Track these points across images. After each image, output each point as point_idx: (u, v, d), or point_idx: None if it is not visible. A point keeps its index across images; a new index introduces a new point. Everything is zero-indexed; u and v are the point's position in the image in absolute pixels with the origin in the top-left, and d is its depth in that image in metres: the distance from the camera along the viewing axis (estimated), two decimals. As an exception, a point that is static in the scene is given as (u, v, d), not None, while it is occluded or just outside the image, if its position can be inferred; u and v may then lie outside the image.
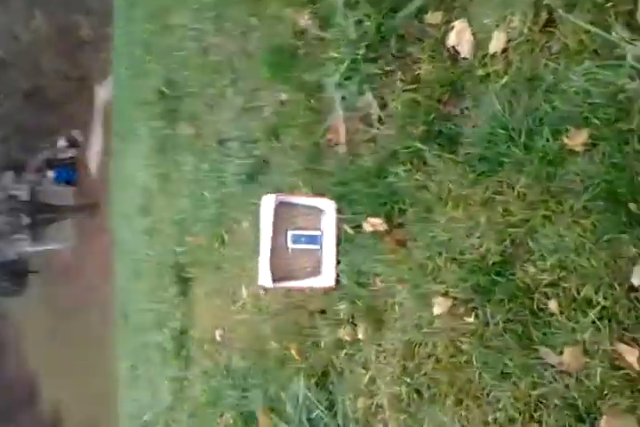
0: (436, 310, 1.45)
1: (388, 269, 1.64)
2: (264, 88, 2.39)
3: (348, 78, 1.73)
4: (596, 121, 1.13)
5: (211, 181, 2.85)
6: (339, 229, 1.84)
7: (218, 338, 2.75)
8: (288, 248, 1.97)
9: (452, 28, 1.49)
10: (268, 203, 1.89)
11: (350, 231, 1.77)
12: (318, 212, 1.97)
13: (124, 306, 5.50)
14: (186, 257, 3.33)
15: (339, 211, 1.83)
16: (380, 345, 1.67)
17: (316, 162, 1.98)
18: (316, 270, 1.96)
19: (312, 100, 2.02)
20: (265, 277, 1.83)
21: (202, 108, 3.17)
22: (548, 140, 1.23)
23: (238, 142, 2.57)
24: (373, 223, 1.65)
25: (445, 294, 1.45)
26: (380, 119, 1.70)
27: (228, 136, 2.74)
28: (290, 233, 1.96)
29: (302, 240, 1.97)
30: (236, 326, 2.57)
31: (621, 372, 1.06)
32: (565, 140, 1.19)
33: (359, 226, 1.74)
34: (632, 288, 1.06)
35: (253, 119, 2.46)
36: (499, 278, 1.30)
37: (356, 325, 1.78)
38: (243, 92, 2.59)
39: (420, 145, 1.51)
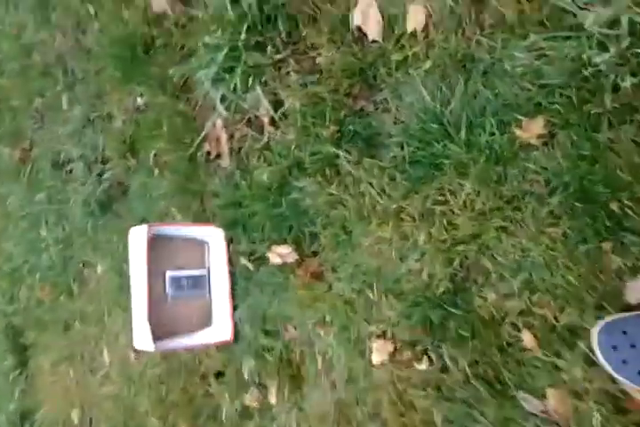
0: (375, 358, 1.30)
1: (302, 311, 1.48)
2: (112, 92, 2.15)
3: (227, 71, 1.56)
4: (554, 106, 1.05)
5: (49, 216, 2.52)
6: (232, 264, 1.65)
7: (75, 420, 2.41)
8: (167, 295, 1.73)
9: (356, 3, 1.38)
10: (138, 237, 1.65)
11: (249, 266, 1.59)
12: (202, 245, 1.77)
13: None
14: (20, 318, 2.92)
15: (230, 241, 1.64)
16: (301, 409, 1.49)
17: (192, 181, 1.78)
18: (204, 321, 1.75)
19: (180, 103, 1.82)
20: (143, 339, 1.58)
21: (27, 124, 2.83)
22: (492, 135, 1.14)
23: (82, 163, 2.29)
24: (280, 253, 1.48)
25: (383, 336, 1.31)
26: (273, 121, 1.54)
27: (67, 157, 2.44)
28: (168, 275, 1.72)
29: (184, 283, 1.75)
30: (99, 402, 2.26)
31: (629, 415, 0.97)
32: (517, 132, 1.11)
33: (261, 258, 1.56)
34: (627, 307, 0.97)
35: (100, 132, 2.20)
36: (453, 310, 1.18)
37: (264, 386, 1.59)
38: (82, 98, 2.32)
39: (331, 149, 1.37)
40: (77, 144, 2.32)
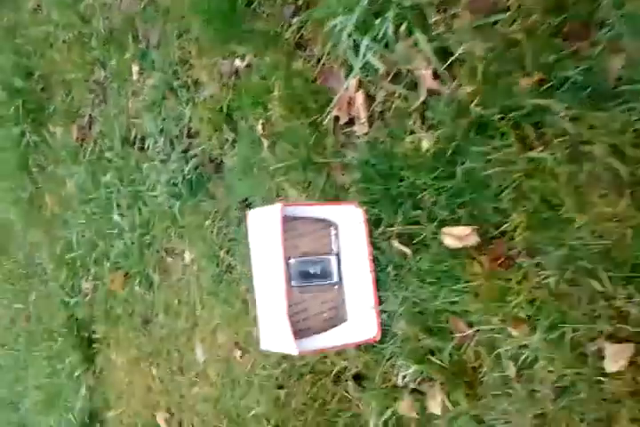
0: (609, 364, 1.00)
1: (484, 305, 1.17)
2: (199, 56, 1.84)
3: (375, 15, 1.24)
4: None
5: (120, 200, 2.22)
6: (374, 247, 1.35)
7: (162, 424, 2.13)
8: (291, 287, 1.44)
9: None
10: (264, 219, 1.35)
11: (406, 251, 1.28)
12: (327, 227, 1.47)
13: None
14: (85, 310, 2.64)
15: (376, 223, 1.33)
16: (480, 422, 1.20)
17: (316, 153, 1.47)
18: (337, 316, 1.46)
19: (296, 62, 1.51)
20: (278, 340, 1.29)
21: (85, 100, 2.53)
22: None
23: (162, 139, 1.98)
24: (457, 235, 1.17)
25: (615, 338, 1.01)
26: (436, 75, 1.22)
27: (140, 133, 2.14)
28: (293, 263, 1.42)
29: (311, 272, 1.45)
30: (192, 404, 1.98)
31: None
32: None
33: (422, 241, 1.25)
34: None
35: (186, 103, 1.89)
36: None
37: (422, 393, 1.30)
38: (159, 66, 2.01)
39: (535, 102, 1.06)
40: (155, 118, 2.02)
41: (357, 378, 1.43)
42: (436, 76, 1.23)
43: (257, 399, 1.69)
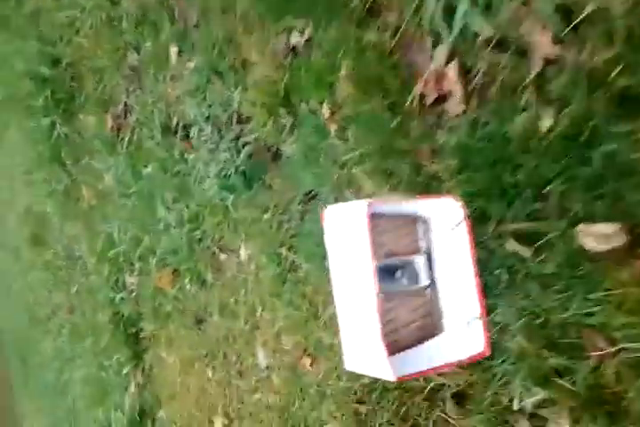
0: None
1: (630, 318, 0.91)
2: (247, 33, 1.56)
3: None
4: None
5: (165, 193, 1.98)
6: (479, 248, 1.08)
7: (221, 429, 1.91)
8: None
9: None
10: (350, 217, 1.09)
11: (523, 252, 1.02)
12: (414, 222, 1.21)
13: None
14: (131, 306, 2.43)
15: (481, 218, 1.07)
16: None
17: (395, 137, 1.20)
18: (430, 327, 1.20)
19: (368, 33, 1.23)
20: (374, 361, 1.04)
21: (119, 87, 2.27)
22: None
23: (210, 127, 1.72)
24: (599, 233, 0.91)
25: None
26: (555, 39, 0.95)
27: (182, 120, 1.88)
28: (377, 266, 1.16)
29: (397, 276, 1.20)
30: (254, 411, 1.76)
31: None
32: None
33: (545, 241, 0.99)
34: None
35: (235, 86, 1.63)
36: None
37: (543, 419, 1.05)
38: (200, 47, 1.74)
39: None
40: (199, 104, 1.75)
41: (459, 397, 1.19)
42: (556, 41, 0.95)
43: (331, 413, 1.46)
